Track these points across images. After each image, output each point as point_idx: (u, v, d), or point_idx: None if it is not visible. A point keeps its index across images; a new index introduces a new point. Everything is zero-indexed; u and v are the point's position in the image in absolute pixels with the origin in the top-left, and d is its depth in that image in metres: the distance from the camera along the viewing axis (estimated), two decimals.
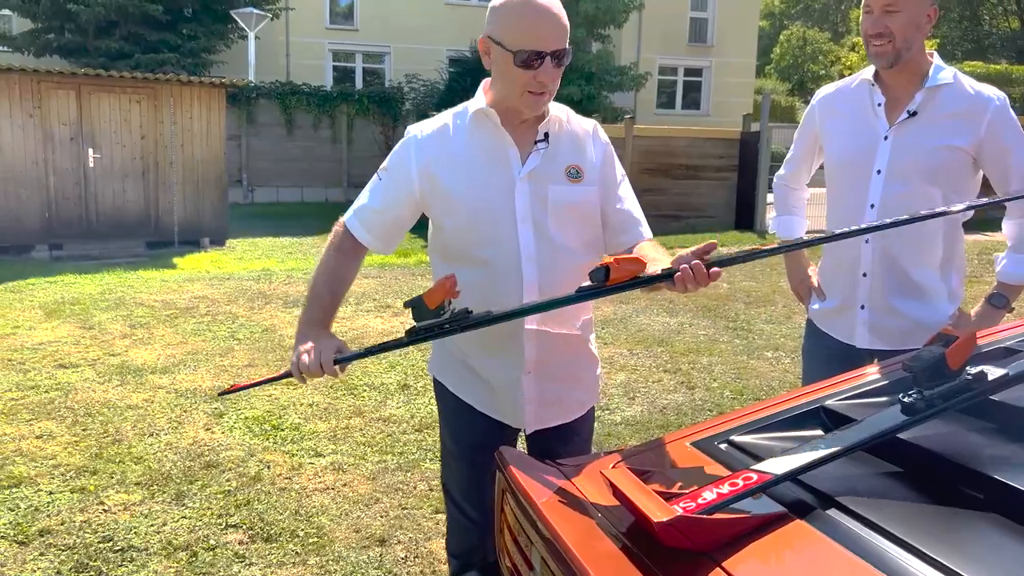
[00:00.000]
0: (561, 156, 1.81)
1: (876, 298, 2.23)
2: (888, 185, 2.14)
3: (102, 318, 6.64)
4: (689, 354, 5.76)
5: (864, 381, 1.59)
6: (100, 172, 10.35)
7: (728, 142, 13.71)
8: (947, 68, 2.16)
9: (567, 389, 1.95)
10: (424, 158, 1.80)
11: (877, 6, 2.09)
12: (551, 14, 1.69)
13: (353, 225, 1.88)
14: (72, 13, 16.26)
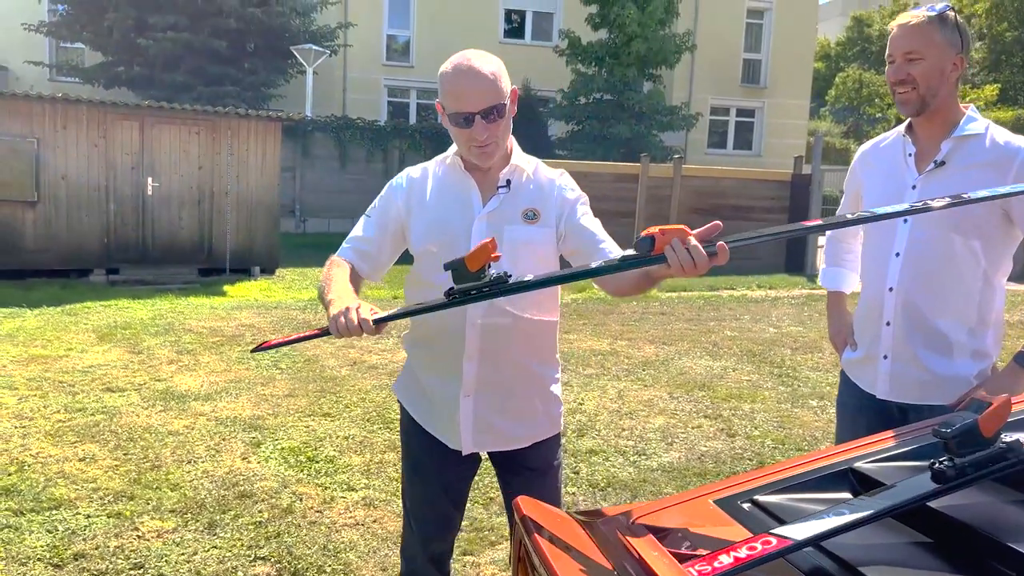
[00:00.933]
0: (521, 200, 1.98)
1: (898, 348, 2.19)
2: (913, 234, 2.13)
3: (151, 343, 6.79)
4: (731, 400, 5.65)
5: (895, 444, 1.54)
6: (158, 200, 10.67)
7: (779, 184, 13.58)
8: (980, 120, 2.12)
9: (508, 419, 2.05)
10: (405, 196, 2.04)
11: (899, 54, 2.09)
12: (476, 78, 1.84)
13: (345, 252, 2.05)
14: (141, 47, 16.95)
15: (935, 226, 2.09)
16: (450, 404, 2.02)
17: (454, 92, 1.87)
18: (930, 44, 2.05)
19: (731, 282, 11.85)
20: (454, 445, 2.06)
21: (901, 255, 2.15)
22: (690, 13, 21.94)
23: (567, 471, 4.19)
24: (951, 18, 2.06)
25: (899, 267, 2.15)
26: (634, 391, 5.81)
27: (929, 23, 2.06)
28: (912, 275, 2.13)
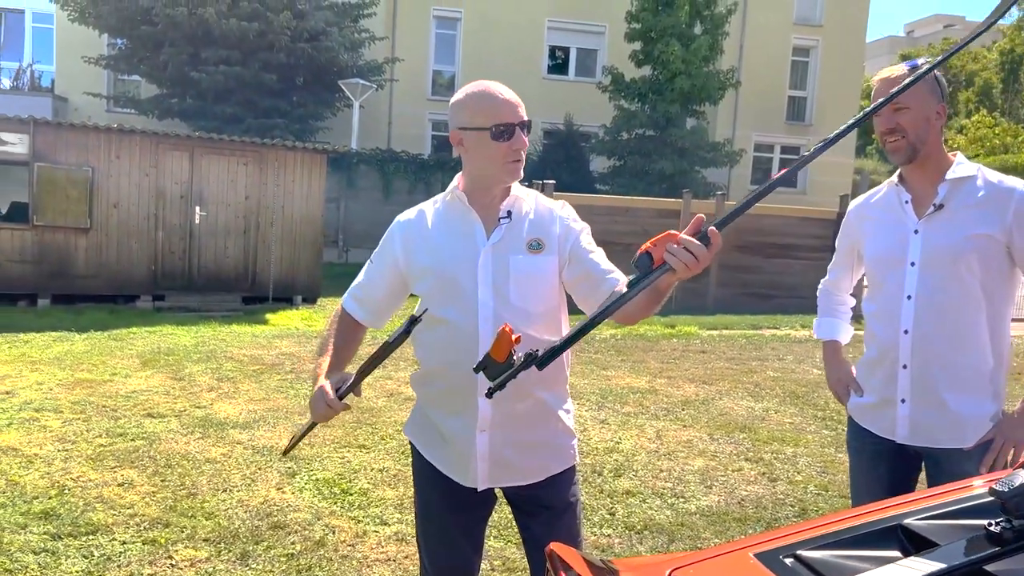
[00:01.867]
0: (524, 231, 1.99)
1: (917, 391, 2.20)
2: (923, 276, 2.18)
3: (193, 370, 6.88)
4: (773, 443, 5.51)
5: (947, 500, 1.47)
6: (205, 229, 10.90)
7: (824, 222, 13.38)
8: (968, 163, 2.22)
9: (523, 454, 2.03)
10: (404, 238, 2.04)
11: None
12: (509, 93, 1.94)
13: (348, 304, 2.11)
14: (194, 80, 17.45)
15: (944, 267, 2.15)
16: (465, 440, 2.00)
17: (493, 107, 1.91)
18: (913, 95, 2.14)
19: (774, 321, 11.66)
20: (469, 482, 2.02)
21: (913, 297, 2.19)
22: (735, 50, 21.94)
23: (603, 512, 4.12)
24: None
25: (912, 310, 2.19)
26: (673, 431, 5.70)
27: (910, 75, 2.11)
28: (927, 317, 2.17)
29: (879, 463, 2.30)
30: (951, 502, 1.46)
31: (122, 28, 18.52)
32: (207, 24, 17.03)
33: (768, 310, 12.57)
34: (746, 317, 11.83)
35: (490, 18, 22.45)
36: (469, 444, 1.99)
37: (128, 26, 18.22)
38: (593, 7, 22.89)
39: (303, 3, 18.82)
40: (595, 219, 12.02)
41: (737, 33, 21.70)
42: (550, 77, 23.24)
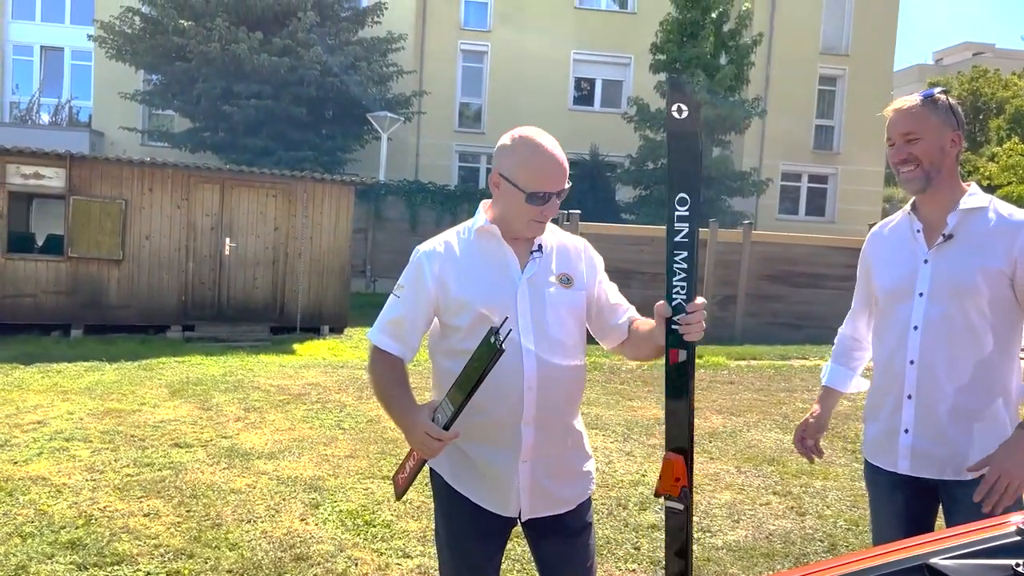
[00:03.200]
0: (553, 265, 2.07)
1: (921, 422, 2.19)
2: (930, 307, 2.17)
3: (220, 400, 6.94)
4: (802, 476, 5.41)
5: (974, 539, 1.43)
6: (234, 260, 11.05)
7: (853, 251, 13.19)
8: (982, 194, 2.20)
9: (560, 482, 2.08)
10: (436, 270, 2.01)
11: (897, 136, 2.19)
12: (557, 160, 1.97)
13: (384, 343, 2.06)
14: (226, 114, 17.82)
15: (949, 299, 2.14)
16: (507, 472, 2.01)
17: (538, 173, 1.95)
18: (926, 124, 2.15)
19: (803, 351, 11.51)
20: (510, 512, 2.05)
21: (920, 328, 2.18)
22: (761, 80, 21.95)
23: (627, 547, 4.06)
24: (943, 100, 2.17)
25: (919, 340, 2.18)
26: (700, 463, 5.63)
27: (922, 106, 2.17)
28: (933, 348, 2.16)
29: (896, 496, 2.27)
30: (978, 541, 1.43)
31: (157, 64, 19.02)
32: (239, 60, 17.42)
33: (797, 340, 12.42)
34: (775, 347, 11.69)
35: (516, 51, 22.71)
36: (511, 475, 2.01)
37: (163, 62, 18.71)
38: (618, 39, 23.08)
39: (333, 39, 19.20)
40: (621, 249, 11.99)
41: (763, 63, 21.72)
42: (576, 108, 23.40)
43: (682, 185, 1.89)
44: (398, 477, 2.13)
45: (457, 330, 2.01)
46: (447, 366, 2.03)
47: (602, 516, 4.47)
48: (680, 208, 1.89)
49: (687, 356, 1.90)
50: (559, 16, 23.00)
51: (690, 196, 1.88)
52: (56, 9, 23.90)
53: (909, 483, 2.24)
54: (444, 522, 2.14)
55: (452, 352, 2.02)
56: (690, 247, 1.89)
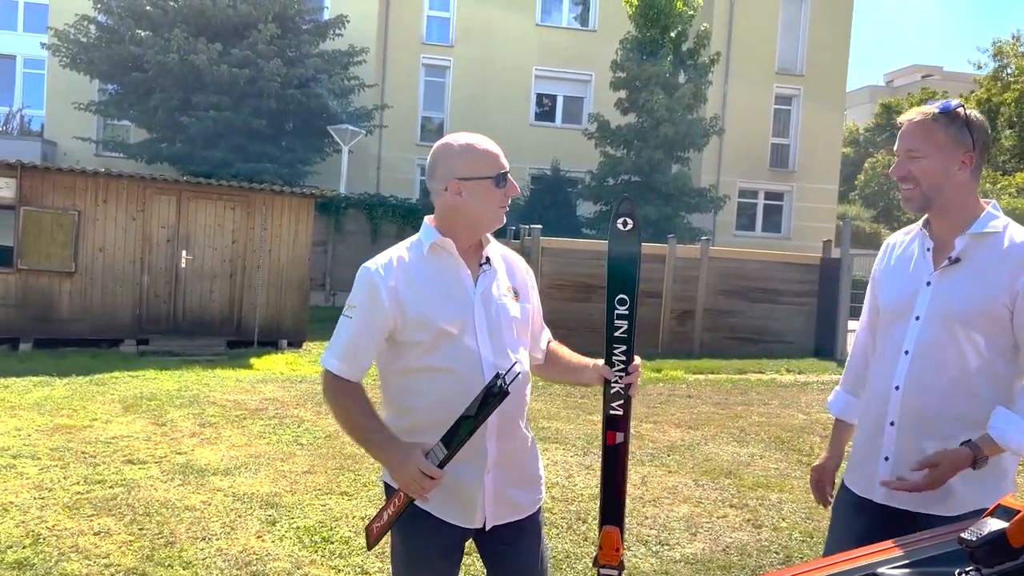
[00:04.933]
0: (502, 278, 2.13)
1: (902, 450, 2.06)
2: (924, 332, 2.04)
3: (175, 415, 6.82)
4: (758, 489, 5.49)
5: (919, 549, 1.47)
6: (190, 273, 10.89)
7: (807, 267, 13.52)
8: (1001, 217, 2.05)
9: (521, 487, 2.13)
10: (391, 288, 2.00)
11: (901, 150, 2.07)
12: (494, 143, 2.09)
13: (339, 369, 2.02)
14: (184, 125, 17.59)
15: (943, 325, 2.02)
16: (473, 484, 2.02)
17: (490, 156, 2.05)
18: (932, 142, 2.01)
19: (760, 365, 11.69)
20: (475, 524, 2.06)
21: (910, 353, 2.06)
22: (718, 98, 22.35)
23: (586, 560, 4.08)
24: (961, 115, 2.01)
25: (907, 366, 2.06)
26: (658, 477, 5.68)
27: (933, 121, 2.02)
28: (920, 375, 2.04)
29: (859, 518, 2.15)
30: (923, 550, 1.47)
31: (113, 74, 18.73)
32: (198, 70, 17.24)
33: (754, 354, 12.61)
34: (732, 361, 11.85)
35: (479, 66, 22.84)
36: (477, 487, 2.03)
37: (119, 72, 18.42)
38: (579, 56, 23.34)
39: (294, 51, 19.10)
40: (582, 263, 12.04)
41: (720, 82, 22.14)
42: (537, 124, 23.58)
43: (623, 287, 2.03)
44: (373, 527, 2.05)
45: (415, 346, 1.99)
46: (402, 384, 2.04)
47: (561, 530, 4.48)
48: (620, 307, 2.01)
49: (623, 439, 2.02)
50: (521, 32, 23.19)
51: (629, 297, 2.02)
52: (8, 16, 23.43)
53: (876, 511, 2.11)
54: (403, 539, 2.11)
55: (408, 370, 2.02)
56: (628, 342, 2.02)
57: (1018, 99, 32.89)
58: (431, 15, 23.44)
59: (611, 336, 2.03)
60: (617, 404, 2.03)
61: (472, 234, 2.08)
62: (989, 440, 1.92)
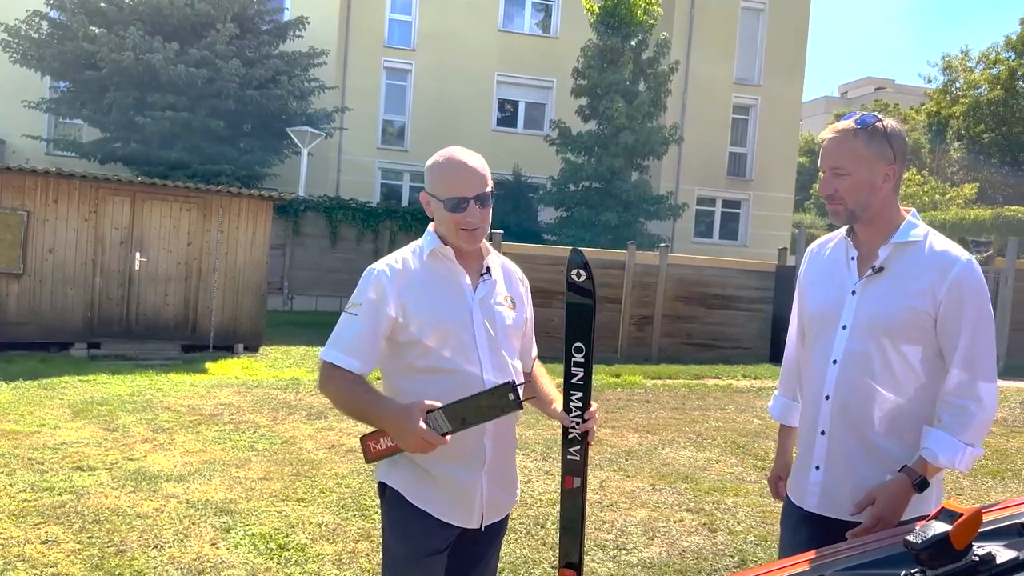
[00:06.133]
0: (500, 287, 2.21)
1: (832, 459, 2.10)
2: (851, 341, 2.07)
3: (127, 420, 6.68)
4: (714, 493, 5.56)
5: (867, 552, 1.51)
6: (145, 275, 10.68)
7: (764, 274, 13.74)
8: (921, 226, 2.09)
9: (507, 487, 2.23)
10: (396, 288, 2.07)
11: (827, 168, 2.09)
12: (468, 166, 2.08)
13: (342, 360, 2.05)
14: (139, 125, 17.26)
15: (869, 335, 2.04)
16: (470, 484, 2.10)
17: (452, 179, 2.07)
18: (856, 159, 2.03)
19: (716, 371, 11.84)
20: (473, 523, 2.13)
21: (838, 363, 2.09)
22: (677, 107, 22.62)
23: (545, 566, 4.09)
24: (880, 128, 2.04)
25: (835, 375, 2.09)
26: (616, 481, 5.72)
27: (854, 136, 2.04)
28: (847, 384, 2.07)
29: (801, 532, 2.16)
30: (871, 552, 1.51)
31: (65, 71, 18.30)
32: (154, 70, 16.94)
33: (710, 360, 12.77)
34: (689, 367, 11.99)
35: (440, 70, 22.79)
36: (474, 488, 2.11)
37: (72, 70, 18.01)
38: (541, 63, 23.43)
39: (253, 51, 18.87)
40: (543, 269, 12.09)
41: (679, 91, 22.40)
42: (499, 129, 23.60)
43: (579, 336, 2.06)
44: (370, 444, 2.05)
45: (415, 347, 2.07)
46: (402, 385, 2.11)
47: (520, 535, 4.49)
48: (576, 355, 2.05)
49: (580, 483, 2.08)
50: (483, 38, 23.21)
51: (585, 345, 2.06)
52: None
53: (816, 520, 2.13)
54: (400, 538, 2.13)
55: (409, 369, 2.10)
56: (585, 388, 2.06)
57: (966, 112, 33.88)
58: (393, 18, 23.34)
59: (568, 383, 2.07)
60: (574, 450, 2.09)
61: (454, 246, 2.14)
62: (922, 462, 1.97)
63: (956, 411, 1.99)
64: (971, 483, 6.08)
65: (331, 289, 17.31)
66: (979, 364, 2.01)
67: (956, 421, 1.98)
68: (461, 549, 2.18)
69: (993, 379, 2.03)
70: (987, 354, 2.03)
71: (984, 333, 2.02)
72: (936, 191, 30.54)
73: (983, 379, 2.00)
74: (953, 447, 1.96)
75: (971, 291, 2.01)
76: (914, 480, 1.96)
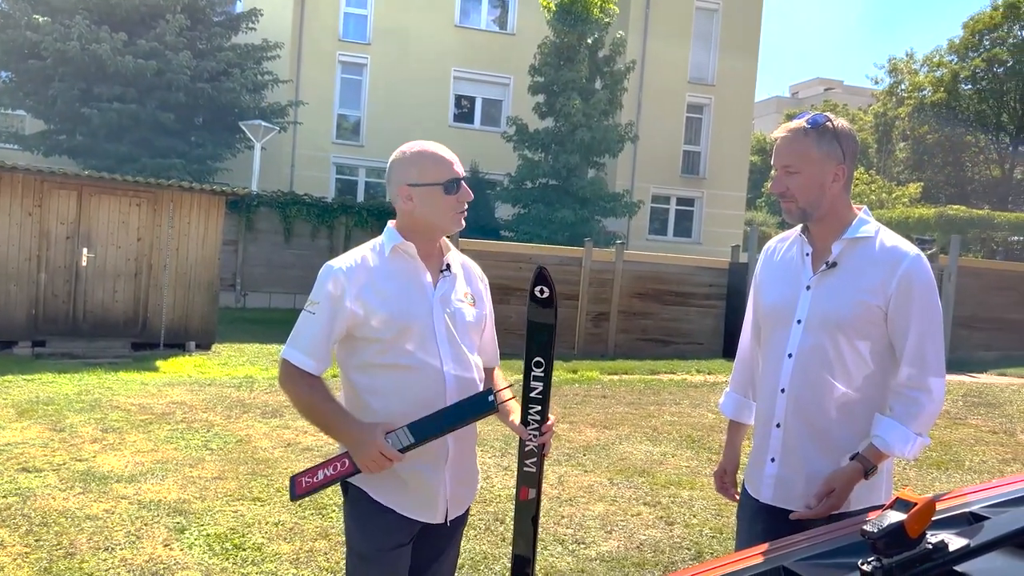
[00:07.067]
0: (460, 284, 2.23)
1: (787, 451, 2.15)
2: (805, 335, 2.12)
3: (75, 420, 6.51)
4: (670, 486, 5.63)
5: (824, 542, 1.55)
6: (92, 271, 10.41)
7: (717, 271, 13.94)
8: (871, 223, 2.15)
9: (468, 482, 2.26)
10: (355, 287, 2.07)
11: (778, 167, 2.14)
12: (447, 149, 2.16)
13: (301, 361, 2.09)
14: (85, 116, 16.80)
15: (823, 329, 2.09)
16: (435, 479, 2.12)
17: (444, 161, 2.12)
18: (806, 158, 2.08)
19: (671, 366, 11.98)
20: (437, 519, 2.15)
21: (793, 356, 2.13)
22: (633, 106, 22.79)
23: (504, 561, 4.10)
24: (830, 128, 2.08)
25: (791, 369, 2.13)
26: (574, 476, 5.75)
27: (805, 136, 2.08)
28: (803, 378, 2.11)
29: (756, 523, 2.21)
30: (829, 541, 1.54)
31: (7, 61, 17.74)
32: (101, 60, 16.51)
33: (666, 355, 12.92)
34: (645, 362, 12.11)
35: (396, 65, 22.63)
36: (438, 483, 2.13)
37: (14, 59, 17.47)
38: (498, 59, 23.42)
39: (204, 43, 18.51)
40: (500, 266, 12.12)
41: (635, 89, 22.58)
42: (456, 125, 23.52)
43: (540, 351, 2.10)
44: (302, 479, 2.09)
45: (375, 343, 2.08)
46: (361, 381, 2.13)
47: (479, 531, 4.49)
48: (536, 370, 2.10)
49: (535, 495, 2.14)
50: (440, 33, 23.11)
51: (545, 360, 2.10)
52: None
53: (771, 512, 2.17)
54: (364, 535, 2.14)
55: (368, 366, 2.11)
56: (544, 403, 2.10)
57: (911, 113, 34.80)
58: (348, 12, 23.07)
59: (527, 397, 2.11)
60: (530, 461, 2.13)
61: (429, 238, 2.17)
62: (874, 449, 2.03)
63: (908, 402, 2.05)
64: (917, 474, 6.26)
65: (285, 286, 17.07)
66: (929, 357, 2.07)
67: (907, 411, 2.04)
68: (423, 543, 2.18)
69: (942, 373, 2.09)
70: (936, 348, 2.09)
71: (933, 327, 2.08)
72: (883, 190, 31.33)
73: (933, 372, 2.06)
74: (904, 436, 2.03)
75: (920, 285, 2.07)
76: (867, 467, 2.03)
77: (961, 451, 7.15)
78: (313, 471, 2.09)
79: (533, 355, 2.09)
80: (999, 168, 33.72)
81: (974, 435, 7.84)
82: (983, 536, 1.34)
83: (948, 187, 34.56)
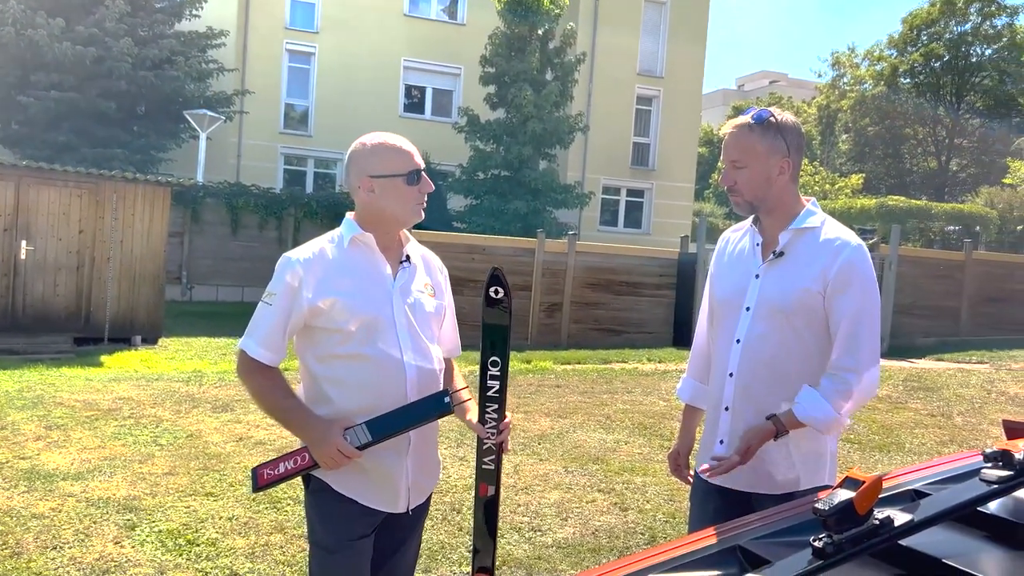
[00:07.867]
0: (420, 275, 2.24)
1: (734, 434, 2.21)
2: (753, 322, 2.20)
3: (16, 417, 6.33)
4: (624, 473, 5.72)
5: (778, 521, 1.60)
6: (32, 265, 10.11)
7: (666, 261, 14.13)
8: (819, 214, 2.23)
9: (429, 472, 2.27)
10: (313, 278, 2.07)
11: (727, 161, 2.22)
12: (407, 142, 2.18)
13: (259, 353, 2.10)
14: (21, 105, 16.26)
15: (772, 316, 2.17)
16: (397, 470, 2.13)
17: (405, 153, 2.13)
18: (752, 153, 2.16)
19: (623, 355, 12.12)
20: (400, 509, 2.16)
21: (741, 342, 2.21)
22: (583, 97, 22.93)
23: (462, 551, 4.13)
24: (773, 123, 2.16)
25: (739, 354, 2.21)
26: (530, 465, 5.81)
27: (750, 130, 2.16)
28: (750, 362, 2.19)
29: (708, 505, 2.29)
30: (782, 521, 1.60)
31: None
32: (37, 46, 15.99)
33: (617, 344, 13.06)
34: (598, 352, 12.23)
35: (345, 54, 22.36)
36: (399, 473, 2.14)
37: None
38: (448, 49, 23.30)
39: (146, 30, 18.05)
40: (454, 257, 12.08)
41: (585, 81, 22.71)
42: (407, 116, 23.37)
43: (495, 351, 2.13)
44: (263, 471, 2.10)
45: (335, 334, 2.08)
46: (321, 372, 2.12)
47: (436, 521, 4.51)
48: (492, 369, 2.12)
49: (494, 492, 2.17)
50: (388, 23, 22.90)
51: (501, 359, 2.12)
52: None
53: (721, 493, 2.24)
54: (327, 527, 2.14)
55: (328, 357, 2.11)
56: (500, 401, 2.13)
57: (853, 106, 35.67)
58: (295, 0, 22.74)
59: (484, 395, 2.13)
60: (489, 459, 2.16)
61: (389, 229, 2.17)
62: (791, 415, 2.11)
63: (836, 381, 2.11)
64: (860, 456, 6.47)
65: (233, 279, 16.81)
66: (862, 344, 2.13)
67: (833, 389, 2.10)
68: (385, 534, 2.19)
69: (875, 361, 2.15)
70: (871, 335, 2.15)
71: (869, 315, 2.15)
72: (826, 181, 32.08)
73: (865, 357, 2.13)
74: (823, 410, 2.09)
75: (859, 274, 2.14)
76: (778, 429, 2.11)
77: (902, 434, 7.40)
78: (275, 463, 2.10)
79: (489, 355, 2.12)
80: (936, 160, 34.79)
81: (914, 418, 8.12)
82: (925, 511, 1.41)
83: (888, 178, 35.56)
